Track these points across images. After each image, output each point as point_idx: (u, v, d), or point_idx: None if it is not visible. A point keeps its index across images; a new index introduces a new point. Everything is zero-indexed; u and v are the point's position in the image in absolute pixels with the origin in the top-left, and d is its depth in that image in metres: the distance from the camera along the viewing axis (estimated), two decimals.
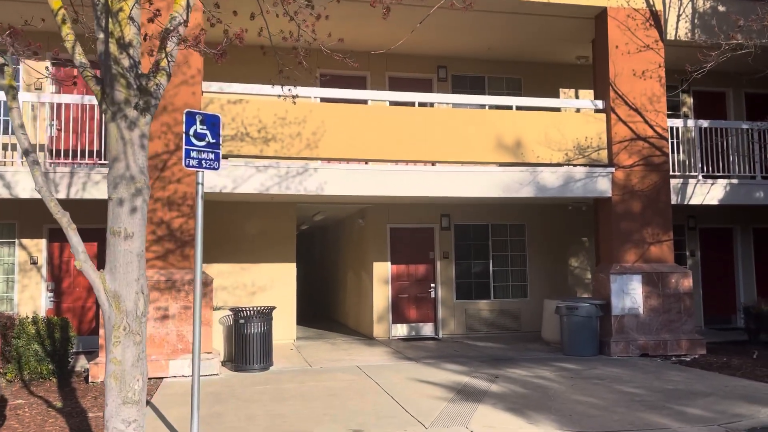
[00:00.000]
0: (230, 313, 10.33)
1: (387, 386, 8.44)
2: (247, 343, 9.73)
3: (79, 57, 4.14)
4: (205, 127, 5.73)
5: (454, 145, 11.05)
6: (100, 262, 12.28)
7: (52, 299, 11.89)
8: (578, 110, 13.32)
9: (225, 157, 10.28)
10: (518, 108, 11.59)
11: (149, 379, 9.12)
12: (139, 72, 3.78)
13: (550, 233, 14.57)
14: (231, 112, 10.20)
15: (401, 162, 11.16)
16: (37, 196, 10.31)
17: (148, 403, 7.74)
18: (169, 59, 4.17)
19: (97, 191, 10.18)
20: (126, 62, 3.82)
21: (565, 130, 11.50)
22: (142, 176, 3.57)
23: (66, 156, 11.60)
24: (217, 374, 9.41)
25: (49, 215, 12.56)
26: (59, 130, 11.55)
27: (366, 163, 11.09)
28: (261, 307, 9.95)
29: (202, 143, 5.72)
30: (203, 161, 5.71)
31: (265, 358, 9.84)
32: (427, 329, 13.82)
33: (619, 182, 11.46)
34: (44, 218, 11.94)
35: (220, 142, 5.81)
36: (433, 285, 13.87)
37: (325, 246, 20.27)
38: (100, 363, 9.07)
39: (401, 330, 13.67)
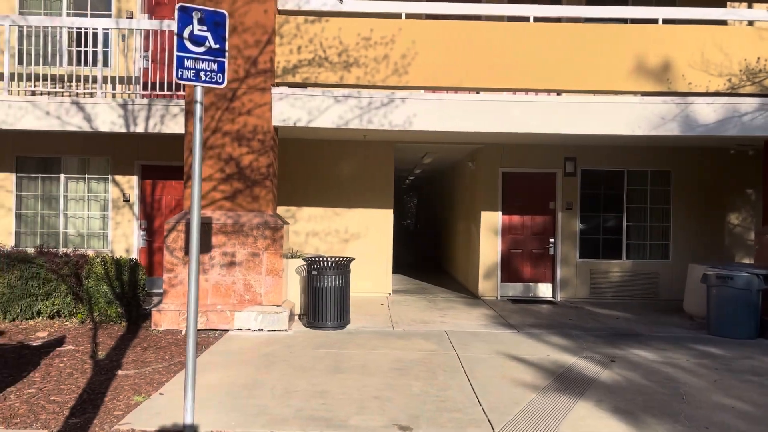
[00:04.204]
0: (303, 263, 9.24)
1: (469, 363, 6.91)
2: (321, 298, 8.60)
3: None
4: (204, 28, 4.38)
5: (581, 70, 8.91)
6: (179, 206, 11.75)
7: (144, 237, 11.56)
8: (751, 23, 10.45)
9: (302, 85, 9.02)
10: (665, 22, 9.12)
11: (212, 330, 8.32)
12: None
13: (703, 183, 11.92)
14: (308, 33, 8.83)
15: (519, 91, 9.28)
16: (118, 129, 9.86)
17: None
18: None
19: (175, 125, 9.49)
20: None
21: (729, 49, 8.89)
22: None
23: (155, 89, 11.01)
24: (285, 330, 8.40)
25: (141, 151, 12.17)
26: (154, 62, 10.93)
27: (477, 93, 9.32)
28: (337, 257, 8.73)
29: (201, 49, 4.39)
30: (202, 72, 4.39)
31: (341, 316, 8.67)
32: (543, 290, 11.96)
33: None
34: (137, 154, 11.54)
35: (226, 47, 4.44)
36: (552, 240, 11.92)
37: (441, 191, 18.74)
38: (163, 310, 8.40)
39: (512, 290, 11.94)
